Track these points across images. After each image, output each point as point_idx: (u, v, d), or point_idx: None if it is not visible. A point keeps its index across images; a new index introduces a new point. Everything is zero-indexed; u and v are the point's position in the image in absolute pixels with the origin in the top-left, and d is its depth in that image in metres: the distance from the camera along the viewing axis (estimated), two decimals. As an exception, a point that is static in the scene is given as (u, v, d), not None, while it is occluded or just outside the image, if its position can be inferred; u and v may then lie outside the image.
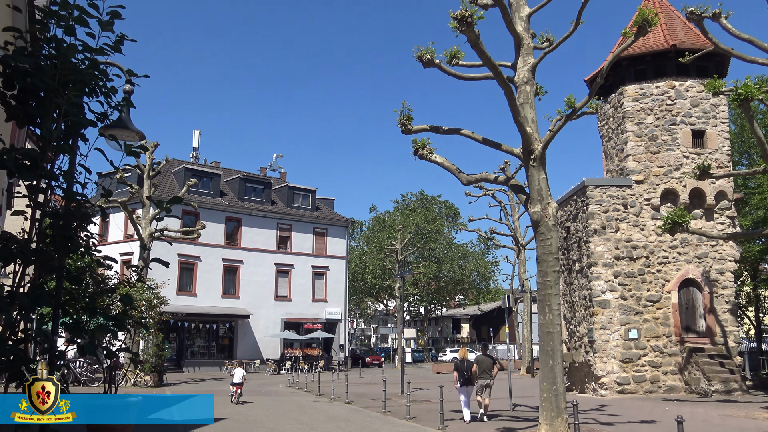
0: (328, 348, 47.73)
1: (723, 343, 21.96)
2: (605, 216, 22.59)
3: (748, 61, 18.01)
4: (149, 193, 30.68)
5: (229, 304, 42.39)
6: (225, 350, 42.86)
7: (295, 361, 40.91)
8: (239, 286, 43.35)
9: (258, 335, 43.39)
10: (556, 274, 12.49)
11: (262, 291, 44.22)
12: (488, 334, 66.73)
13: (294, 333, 44.77)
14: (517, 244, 40.34)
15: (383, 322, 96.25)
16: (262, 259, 44.64)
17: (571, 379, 24.30)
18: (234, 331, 43.10)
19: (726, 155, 23.09)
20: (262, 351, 43.21)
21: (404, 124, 13.72)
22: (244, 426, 14.68)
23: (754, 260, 30.45)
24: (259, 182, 47.60)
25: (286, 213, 47.06)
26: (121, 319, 6.23)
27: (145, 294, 26.22)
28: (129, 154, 5.87)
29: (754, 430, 13.42)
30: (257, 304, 43.44)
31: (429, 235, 62.06)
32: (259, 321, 43.36)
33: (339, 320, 48.18)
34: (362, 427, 14.81)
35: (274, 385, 29.64)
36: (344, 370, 41.00)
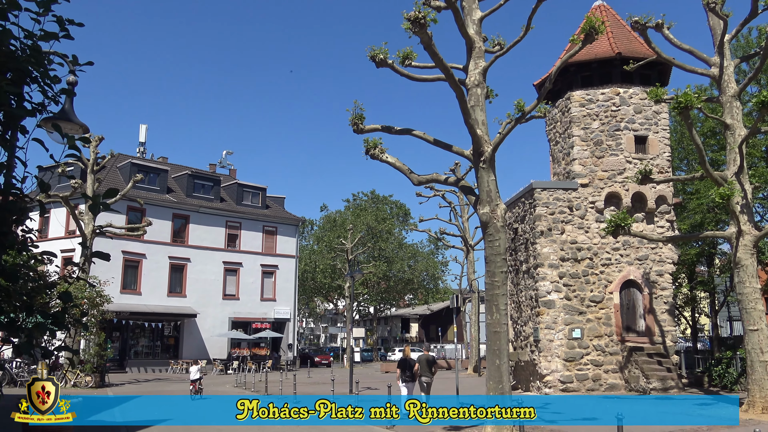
0: (277, 347, 47.29)
1: (661, 343, 22.75)
2: (552, 218, 23.09)
3: (688, 70, 18.69)
4: (93, 189, 29.79)
5: (176, 302, 41.51)
6: (170, 350, 41.94)
7: (243, 360, 40.38)
8: (186, 284, 42.50)
9: (205, 335, 42.64)
10: (504, 275, 12.69)
11: (209, 290, 43.47)
12: (437, 333, 67.25)
13: (242, 332, 44.17)
14: (466, 245, 40.83)
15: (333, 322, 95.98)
16: (210, 257, 43.89)
17: (517, 377, 24.74)
18: (180, 331, 42.23)
19: (666, 161, 23.91)
20: (208, 351, 42.48)
21: (356, 124, 13.71)
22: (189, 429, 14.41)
23: (691, 263, 31.61)
24: (207, 179, 46.78)
25: (236, 211, 46.40)
26: (60, 318, 6.02)
27: (87, 292, 25.46)
28: (71, 147, 5.66)
29: (688, 424, 13.94)
30: (204, 303, 42.69)
31: (380, 235, 62.21)
32: (206, 320, 42.62)
33: (288, 319, 47.79)
34: (310, 427, 14.73)
35: (221, 386, 29.19)
36: (293, 370, 40.68)
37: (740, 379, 20.89)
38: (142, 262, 40.30)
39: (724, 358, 22.89)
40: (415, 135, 13.78)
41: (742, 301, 16.78)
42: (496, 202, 12.80)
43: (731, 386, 21.57)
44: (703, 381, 23.44)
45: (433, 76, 13.59)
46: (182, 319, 41.83)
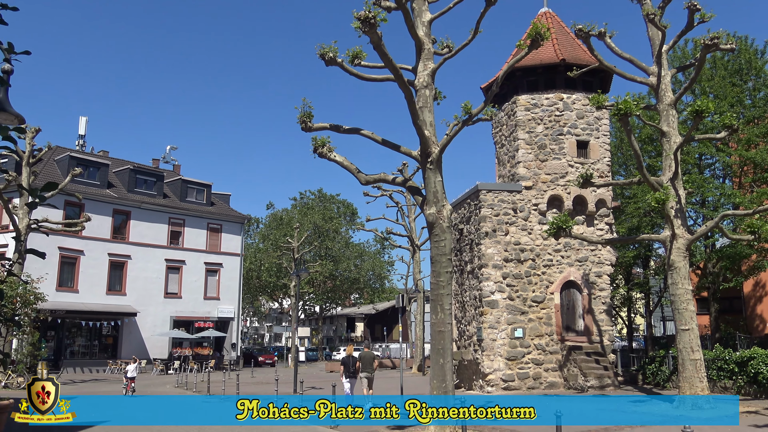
0: (220, 347, 46.56)
1: (599, 342, 23.46)
2: (496, 219, 23.49)
3: (628, 78, 19.29)
4: (28, 182, 28.65)
5: (115, 301, 40.32)
6: (108, 350, 40.71)
7: (185, 360, 39.57)
8: (126, 282, 41.34)
9: (145, 334, 41.57)
10: (449, 275, 12.84)
11: (150, 288, 42.41)
12: (382, 332, 67.51)
13: (184, 332, 43.28)
14: (413, 245, 41.11)
15: (277, 321, 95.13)
16: (151, 254, 42.82)
17: (460, 376, 25.07)
18: (119, 330, 41.05)
19: (606, 166, 24.66)
20: (149, 350, 41.43)
21: (305, 122, 13.62)
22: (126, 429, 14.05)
23: (628, 264, 32.70)
24: (150, 174, 45.62)
25: (179, 207, 45.41)
26: (-11, 316, 5.78)
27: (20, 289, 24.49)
28: (5, 138, 5.44)
29: (623, 420, 14.42)
30: (145, 302, 41.61)
31: (326, 234, 62.01)
32: (146, 319, 41.56)
33: (232, 319, 47.10)
34: (253, 427, 14.57)
35: (161, 386, 28.54)
36: (236, 370, 40.14)
37: (672, 376, 21.73)
38: (79, 258, 39.01)
39: (658, 357, 23.77)
40: (363, 135, 13.79)
41: (675, 301, 17.45)
42: (442, 203, 12.94)
43: (664, 384, 22.42)
44: (637, 379, 24.28)
45: (382, 76, 13.62)
46: (121, 318, 40.68)
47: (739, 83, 27.12)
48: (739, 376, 19.30)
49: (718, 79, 26.90)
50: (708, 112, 16.30)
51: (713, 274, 28.00)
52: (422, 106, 13.07)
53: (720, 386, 19.96)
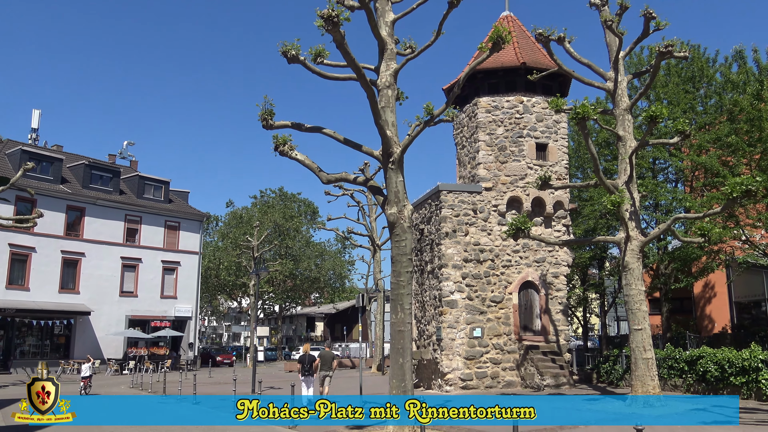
0: (177, 347, 45.80)
1: (555, 341, 23.89)
2: (456, 220, 23.70)
3: (586, 83, 19.68)
4: (-24, 176, 27.66)
5: (68, 299, 39.26)
6: (61, 349, 39.64)
7: (140, 360, 38.81)
8: (80, 280, 40.31)
9: (99, 333, 40.60)
10: (409, 275, 12.91)
11: (105, 286, 41.44)
12: (342, 332, 67.37)
13: (140, 331, 42.42)
14: (373, 245, 41.15)
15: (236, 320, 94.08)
16: (107, 252, 41.85)
17: (420, 376, 25.21)
18: (72, 329, 39.99)
19: (564, 168, 25.12)
20: (103, 350, 40.47)
21: (266, 119, 13.51)
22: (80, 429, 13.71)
23: (584, 265, 33.35)
24: (106, 170, 44.56)
25: (136, 204, 44.50)
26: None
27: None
28: (-47, 131, 5.24)
29: (577, 418, 14.71)
30: (100, 300, 40.65)
31: (287, 233, 61.57)
32: (101, 318, 40.60)
33: (189, 318, 46.39)
34: (210, 427, 14.40)
35: (116, 386, 27.95)
36: (193, 370, 39.61)
37: (625, 375, 22.27)
38: (31, 255, 37.89)
39: (611, 356, 24.31)
40: (325, 133, 13.76)
41: (629, 302, 17.88)
42: (403, 203, 12.99)
43: (617, 382, 22.95)
44: (592, 377, 24.79)
45: (344, 75, 13.61)
46: (74, 317, 39.65)
47: (692, 90, 27.92)
48: (688, 374, 19.89)
49: (671, 85, 27.64)
50: (662, 118, 16.75)
51: (665, 276, 28.77)
52: (384, 106, 13.11)
53: (670, 384, 20.54)
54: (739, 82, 24.87)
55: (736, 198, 15.14)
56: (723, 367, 18.48)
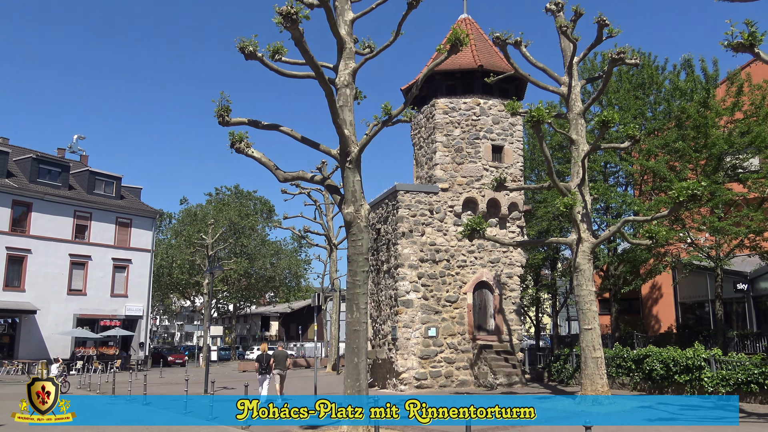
0: (127, 346, 44.79)
1: (508, 341, 24.25)
2: (413, 220, 23.83)
3: (541, 87, 20.03)
4: None
5: (12, 297, 37.95)
6: (4, 349, 38.31)
7: (88, 360, 37.80)
8: (25, 277, 39.01)
9: (45, 333, 39.36)
10: (365, 274, 12.92)
11: (52, 284, 40.20)
12: (297, 331, 66.86)
13: (88, 330, 41.31)
14: (330, 244, 41.04)
15: (189, 320, 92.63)
16: (54, 248, 40.61)
17: (374, 375, 25.26)
18: (16, 328, 38.68)
19: (519, 170, 25.52)
20: (49, 350, 39.18)
21: (222, 116, 13.34)
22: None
23: (537, 266, 33.92)
24: (55, 164, 43.21)
25: (86, 200, 43.30)
26: None
27: None
28: None
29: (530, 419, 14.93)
30: (46, 299, 39.43)
31: (242, 231, 60.83)
32: (47, 317, 39.38)
33: (140, 317, 45.41)
34: (162, 427, 14.13)
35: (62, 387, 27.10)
36: (144, 370, 38.79)
37: (575, 374, 22.76)
38: (-27, 252, 36.53)
39: (562, 355, 24.81)
40: (282, 131, 13.66)
41: (579, 302, 18.28)
42: (360, 203, 13.00)
43: (567, 380, 23.44)
44: (543, 376, 25.25)
45: (303, 73, 13.54)
46: (20, 316, 38.37)
47: (642, 96, 28.68)
48: (635, 372, 20.45)
49: (623, 91, 28.35)
50: (613, 123, 17.19)
51: (615, 277, 29.49)
52: (342, 105, 13.09)
53: (618, 382, 21.09)
54: (686, 90, 25.69)
55: (682, 202, 15.63)
56: (668, 365, 19.06)
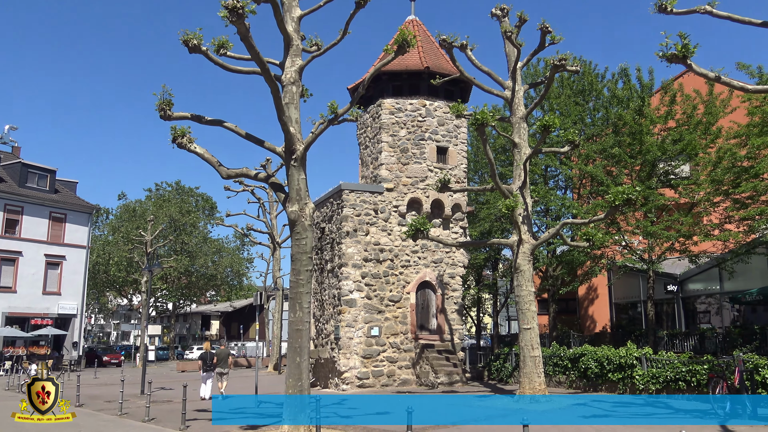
0: (60, 346, 43.19)
1: (450, 340, 24.56)
2: (358, 219, 23.85)
3: (485, 90, 20.34)
4: None
5: (-66, 294, 36.13)
6: (-76, 349, 36.43)
7: (17, 360, 36.26)
8: (-51, 274, 37.19)
9: (-30, 331, 37.63)
10: (309, 273, 12.85)
11: (-21, 281, 38.46)
12: (238, 331, 65.89)
13: (18, 329, 39.65)
14: (273, 242, 40.63)
15: (126, 318, 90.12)
16: (-19, 244, 38.85)
17: (317, 375, 25.16)
18: (-62, 327, 36.84)
19: (463, 172, 25.88)
20: (-26, 350, 37.55)
21: (164, 110, 13.01)
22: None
23: (479, 266, 34.47)
24: (-17, 156, 41.34)
25: (17, 193, 41.52)
26: None
27: None
28: None
29: (468, 415, 15.20)
30: (-29, 296, 37.67)
31: (183, 228, 59.48)
32: (-28, 315, 37.63)
33: (74, 315, 43.87)
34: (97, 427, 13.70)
35: (-12, 389, 25.95)
36: (77, 370, 37.48)
37: (514, 372, 23.24)
38: None
39: (502, 354, 25.29)
40: (226, 127, 13.43)
41: (519, 302, 18.68)
42: (305, 201, 12.92)
43: (507, 379, 23.91)
44: (483, 375, 25.68)
45: (248, 69, 13.34)
46: (-58, 314, 36.54)
47: (582, 103, 29.54)
48: (571, 371, 21.04)
49: (564, 97, 29.13)
50: (554, 128, 17.63)
51: (553, 278, 30.26)
52: (288, 103, 12.98)
53: (555, 381, 21.65)
54: (623, 98, 26.59)
55: (617, 206, 16.18)
56: (602, 364, 19.69)
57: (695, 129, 23.56)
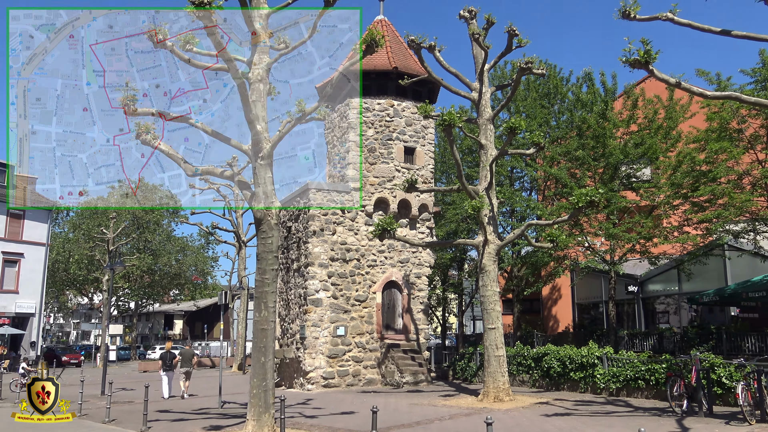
0: (17, 346, 42.05)
1: (415, 340, 24.65)
2: (324, 219, 23.77)
3: (453, 92, 20.50)
4: None
5: None
6: None
7: (-29, 361, 35.22)
8: None
9: None
10: (275, 272, 12.78)
11: (-69, 278, 37.23)
12: (203, 330, 65.20)
13: (-28, 329, 38.56)
14: (239, 241, 40.26)
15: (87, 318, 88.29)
16: (-66, 240, 37.63)
17: (281, 374, 25.00)
18: None
19: (430, 172, 26.00)
20: (-75, 350, 36.33)
21: (128, 105, 12.80)
22: None
23: (445, 266, 34.70)
24: (-62, 149, 40.05)
25: (-27, 189, 40.37)
26: None
27: None
28: None
29: (433, 414, 15.31)
30: (-77, 294, 36.46)
31: (146, 226, 58.50)
32: (-76, 314, 36.43)
33: (32, 314, 42.75)
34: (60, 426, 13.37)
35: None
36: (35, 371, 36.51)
37: (479, 372, 23.45)
38: None
39: (467, 354, 25.50)
40: (191, 124, 13.27)
41: (484, 302, 18.86)
42: (271, 199, 12.84)
43: (471, 378, 24.11)
44: (448, 374, 25.85)
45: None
46: None
47: (547, 106, 29.97)
48: (535, 370, 21.32)
49: (530, 100, 29.51)
50: (520, 130, 17.86)
51: (518, 278, 30.64)
52: (255, 100, 12.88)
53: (519, 380, 21.91)
54: (587, 102, 27.06)
55: (581, 207, 16.45)
56: (565, 363, 20.00)
57: (656, 133, 24.09)
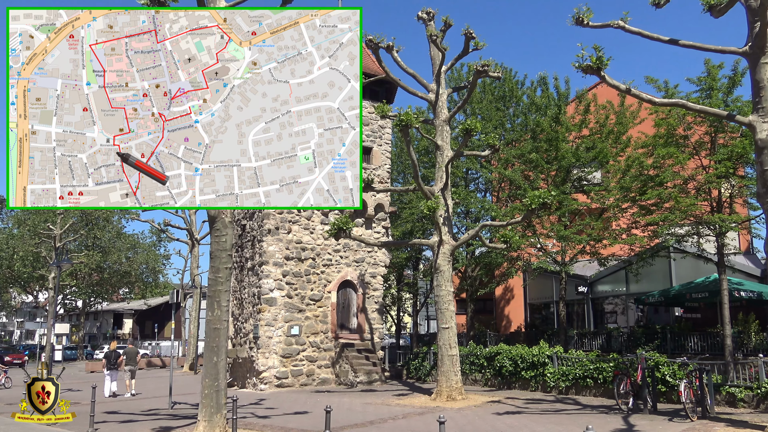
0: (-46, 346, 40.46)
1: (370, 339, 24.69)
2: (280, 217, 23.58)
3: (410, 92, 20.60)
4: None
5: None
6: None
7: None
8: None
9: None
10: (228, 271, 12.62)
11: None
12: (153, 329, 63.78)
13: None
14: (192, 239, 39.62)
15: (31, 316, 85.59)
16: None
17: (234, 374, 24.70)
18: None
19: (387, 172, 26.07)
20: None
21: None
22: None
23: (400, 266, 34.83)
24: None
25: None
26: None
27: None
28: None
29: (386, 413, 15.37)
30: None
31: (95, 222, 56.95)
32: None
33: (-28, 313, 41.20)
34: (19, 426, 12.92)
35: None
36: (-26, 372, 35.17)
37: (432, 371, 23.64)
38: None
39: (421, 353, 25.67)
40: (144, 119, 12.99)
41: (438, 302, 19.02)
42: (225, 198, 12.67)
43: (425, 378, 24.28)
44: (402, 374, 25.98)
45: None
46: None
47: (503, 108, 30.38)
48: (487, 369, 21.62)
49: (486, 102, 29.87)
50: (476, 131, 18.06)
51: (472, 278, 30.96)
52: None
53: (471, 379, 22.18)
54: (541, 105, 27.54)
55: (534, 209, 16.76)
56: (516, 362, 20.34)
57: (607, 138, 24.70)
